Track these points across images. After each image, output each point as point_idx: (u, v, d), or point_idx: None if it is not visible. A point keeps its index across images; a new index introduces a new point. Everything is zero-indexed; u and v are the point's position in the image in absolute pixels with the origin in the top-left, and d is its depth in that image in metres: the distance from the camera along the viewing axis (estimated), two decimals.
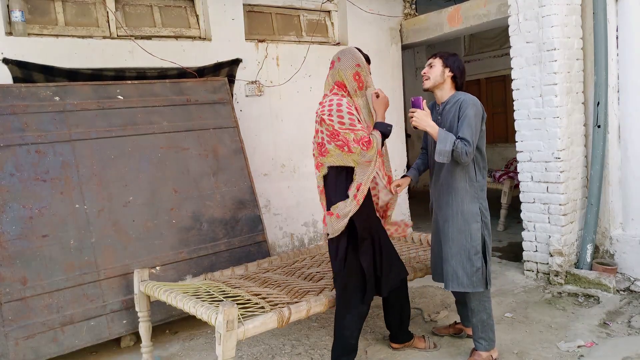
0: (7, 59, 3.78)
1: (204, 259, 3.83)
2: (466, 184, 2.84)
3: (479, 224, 2.83)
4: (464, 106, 2.76)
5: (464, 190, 2.84)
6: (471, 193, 2.84)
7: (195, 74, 4.48)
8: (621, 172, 4.20)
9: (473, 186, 2.85)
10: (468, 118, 2.71)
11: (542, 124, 4.16)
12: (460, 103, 2.78)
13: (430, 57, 2.96)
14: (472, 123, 2.71)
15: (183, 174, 3.95)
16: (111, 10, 4.32)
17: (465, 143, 2.68)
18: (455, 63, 2.90)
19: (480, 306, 2.92)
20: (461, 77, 2.91)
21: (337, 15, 5.68)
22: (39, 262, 3.27)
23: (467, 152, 2.68)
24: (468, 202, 2.84)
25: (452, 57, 2.92)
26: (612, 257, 4.19)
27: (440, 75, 2.88)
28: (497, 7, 4.85)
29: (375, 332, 3.51)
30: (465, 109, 2.74)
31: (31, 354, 3.12)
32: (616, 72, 4.15)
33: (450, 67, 2.88)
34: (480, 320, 2.93)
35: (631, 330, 3.33)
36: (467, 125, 2.71)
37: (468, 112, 2.72)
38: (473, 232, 2.83)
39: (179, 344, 3.56)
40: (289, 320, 2.66)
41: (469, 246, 2.83)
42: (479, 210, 2.85)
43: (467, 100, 2.78)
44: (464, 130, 2.71)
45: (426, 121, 2.79)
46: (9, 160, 3.37)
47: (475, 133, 2.72)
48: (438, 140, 2.72)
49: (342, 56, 2.86)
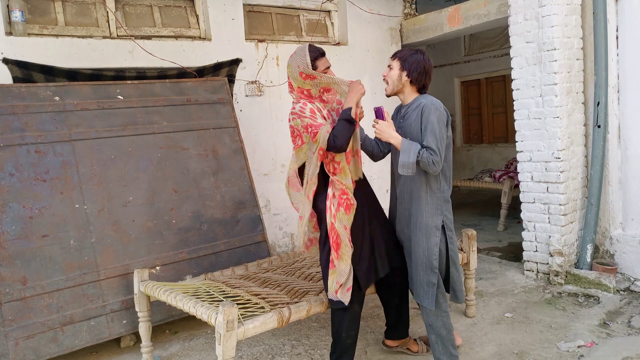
0: (7, 59, 3.78)
1: (204, 259, 3.83)
2: (427, 194, 2.70)
3: (437, 239, 2.69)
4: (425, 112, 2.60)
5: (425, 201, 2.70)
6: (432, 204, 2.70)
7: (195, 74, 4.48)
8: (621, 172, 4.20)
9: (435, 197, 2.70)
10: (431, 124, 2.56)
11: (542, 124, 4.16)
12: (422, 108, 2.63)
13: (391, 58, 2.79)
14: (435, 130, 2.56)
15: (183, 174, 3.95)
16: (111, 10, 4.32)
17: (431, 152, 2.54)
18: (414, 65, 2.69)
19: (438, 322, 2.78)
20: (422, 80, 2.72)
21: (337, 15, 5.69)
22: (39, 262, 3.28)
23: (435, 162, 2.54)
24: (429, 214, 2.69)
25: (412, 57, 2.71)
26: (612, 257, 4.20)
27: (397, 80, 2.73)
28: (497, 7, 4.86)
29: (375, 332, 3.51)
30: (427, 115, 2.58)
31: (31, 354, 3.12)
32: (616, 72, 4.15)
33: (407, 71, 2.70)
34: (439, 336, 2.78)
35: (631, 330, 3.33)
36: (430, 132, 2.55)
37: (431, 118, 2.57)
38: (431, 246, 2.69)
39: (179, 344, 3.56)
40: (289, 320, 2.66)
41: (425, 260, 2.70)
42: (440, 224, 2.70)
43: (428, 104, 2.62)
44: (428, 138, 2.55)
45: (388, 132, 2.65)
46: (9, 160, 3.37)
47: (441, 140, 2.57)
48: (401, 152, 2.58)
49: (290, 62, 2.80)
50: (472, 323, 3.59)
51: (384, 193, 5.44)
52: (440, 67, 9.19)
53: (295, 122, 2.71)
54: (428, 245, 2.70)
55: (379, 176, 5.49)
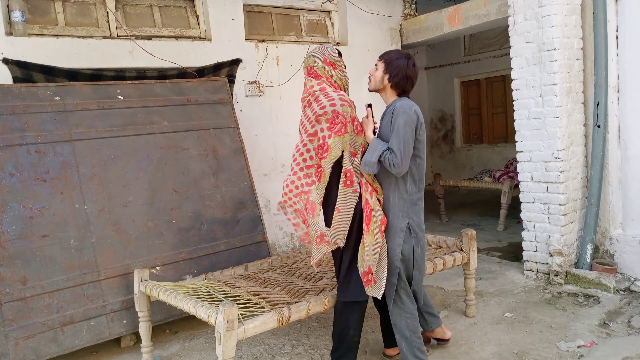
0: (7, 59, 3.79)
1: (204, 259, 3.83)
2: (395, 195, 2.71)
3: (401, 240, 2.70)
4: (395, 114, 2.64)
5: (392, 202, 2.72)
6: (399, 206, 2.71)
7: (195, 74, 4.49)
8: (621, 172, 4.20)
9: (402, 199, 2.71)
10: (397, 127, 2.60)
11: (542, 124, 4.16)
12: (393, 111, 2.67)
13: (379, 57, 2.83)
14: (400, 132, 2.58)
15: (183, 174, 3.95)
16: (111, 10, 4.32)
17: (392, 154, 2.57)
18: (396, 70, 2.71)
19: (401, 322, 2.77)
20: (402, 85, 2.74)
21: (337, 15, 5.69)
22: (39, 262, 3.28)
23: (395, 163, 2.56)
24: (394, 215, 2.71)
25: (396, 61, 2.73)
26: (612, 257, 4.20)
27: (380, 81, 2.77)
28: (497, 7, 4.86)
29: (375, 332, 3.51)
30: (396, 117, 2.62)
31: (31, 354, 3.12)
32: (616, 72, 4.15)
33: (390, 75, 2.73)
34: (404, 337, 2.76)
35: (631, 330, 3.33)
36: (395, 135, 2.60)
37: (398, 121, 2.60)
38: (394, 246, 2.70)
39: (179, 344, 3.56)
40: (289, 320, 2.67)
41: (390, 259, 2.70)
42: (406, 226, 2.71)
43: (398, 108, 2.65)
44: (392, 140, 2.61)
45: (365, 129, 2.76)
46: (9, 160, 3.37)
47: (405, 143, 2.58)
48: (367, 150, 2.67)
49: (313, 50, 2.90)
50: (472, 323, 3.59)
51: None
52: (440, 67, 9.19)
53: (345, 110, 2.68)
54: (391, 245, 2.71)
55: None
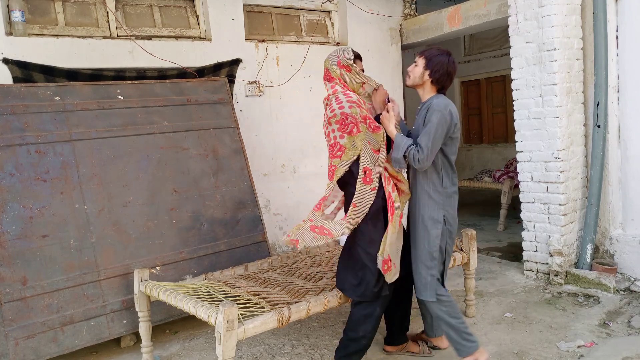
0: (7, 59, 3.79)
1: (204, 259, 3.83)
2: (430, 188, 2.80)
3: (439, 231, 2.79)
4: (429, 111, 2.69)
5: (427, 195, 2.80)
6: (435, 199, 2.79)
7: (195, 74, 4.48)
8: (621, 172, 4.20)
9: (437, 192, 2.80)
10: (430, 124, 2.65)
11: (542, 124, 4.16)
12: (428, 107, 2.72)
13: (418, 53, 2.88)
14: (431, 130, 2.64)
15: (183, 174, 3.95)
16: (111, 10, 4.32)
17: (418, 149, 2.64)
18: (438, 65, 2.76)
19: (442, 312, 2.84)
20: (442, 81, 2.79)
21: (337, 15, 5.69)
22: (39, 262, 3.28)
23: (419, 159, 2.63)
24: (430, 208, 2.80)
25: (438, 57, 2.79)
26: (612, 257, 4.20)
27: (419, 77, 2.81)
28: (497, 7, 4.86)
29: None
30: (430, 114, 2.68)
31: (31, 354, 3.12)
32: (616, 72, 4.15)
33: (431, 70, 2.77)
34: (449, 325, 2.84)
35: (631, 330, 3.33)
36: (426, 131, 2.65)
37: (432, 118, 2.66)
38: (432, 238, 2.79)
39: (179, 344, 3.56)
40: (289, 320, 2.66)
41: (426, 252, 2.80)
42: (442, 218, 2.80)
43: (434, 105, 2.70)
44: (421, 135, 2.66)
45: (387, 125, 2.77)
46: (9, 160, 3.37)
47: (434, 140, 2.64)
48: (394, 147, 2.72)
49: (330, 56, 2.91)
50: (472, 323, 3.59)
51: None
52: None
53: (353, 111, 2.69)
54: (429, 238, 2.79)
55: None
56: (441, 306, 2.84)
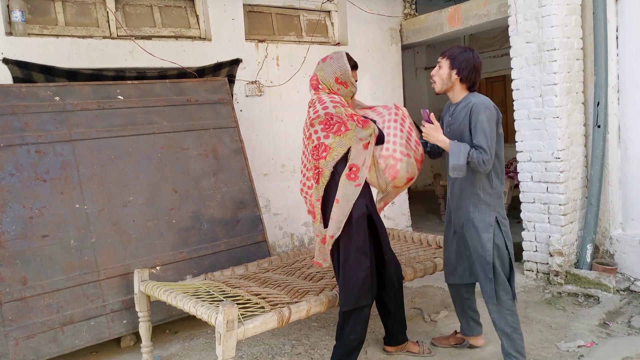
0: (7, 59, 3.78)
1: (204, 259, 3.83)
2: (480, 191, 2.71)
3: (490, 235, 2.68)
4: (475, 111, 2.60)
5: (477, 198, 2.71)
6: (486, 201, 2.71)
7: (195, 74, 4.48)
8: (621, 172, 4.20)
9: (488, 194, 2.71)
10: (481, 124, 2.56)
11: (542, 124, 4.16)
12: (471, 107, 2.63)
13: (439, 56, 2.79)
14: (485, 128, 2.56)
15: (183, 174, 3.95)
16: (111, 10, 4.32)
17: (481, 151, 2.54)
18: (464, 63, 2.69)
19: (500, 319, 2.73)
20: (472, 78, 2.72)
21: (337, 15, 5.69)
22: (39, 262, 3.28)
23: (485, 161, 2.54)
24: (482, 210, 2.70)
25: (461, 54, 2.71)
26: (612, 257, 4.20)
27: (447, 79, 2.73)
28: (497, 7, 4.86)
29: (375, 332, 3.51)
30: (477, 114, 2.59)
31: (31, 354, 3.12)
32: (616, 72, 4.15)
33: (457, 69, 2.70)
34: (504, 334, 2.74)
35: (631, 330, 3.33)
36: (480, 131, 2.56)
37: (481, 117, 2.57)
38: (484, 242, 2.69)
39: (179, 344, 3.56)
40: (289, 320, 2.66)
41: (481, 256, 2.71)
42: (494, 220, 2.70)
43: (478, 103, 2.62)
44: (478, 137, 2.56)
45: (436, 135, 2.67)
46: (9, 160, 3.37)
47: (491, 139, 2.57)
48: (450, 154, 2.58)
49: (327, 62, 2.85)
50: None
51: None
52: None
53: (338, 110, 2.71)
54: (481, 242, 2.70)
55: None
56: (501, 313, 2.71)
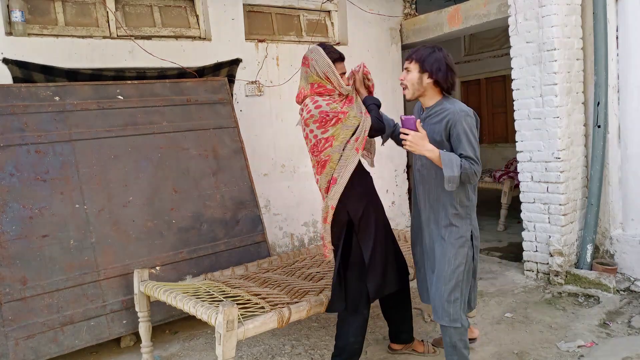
0: (7, 59, 3.78)
1: (204, 259, 3.83)
2: (456, 203, 2.52)
3: (466, 249, 2.52)
4: (456, 120, 2.40)
5: (453, 210, 2.52)
6: (461, 214, 2.53)
7: (195, 74, 4.48)
8: (621, 172, 4.20)
9: (464, 206, 2.54)
10: (466, 134, 2.38)
11: (542, 124, 4.16)
12: (450, 116, 2.42)
13: (406, 60, 2.51)
14: (471, 138, 2.39)
15: (183, 174, 3.94)
16: (111, 10, 4.31)
17: (471, 162, 2.36)
18: (435, 64, 2.44)
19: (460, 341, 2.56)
20: (446, 80, 2.47)
21: (337, 15, 5.68)
22: (39, 262, 3.27)
23: (476, 172, 2.37)
24: (458, 225, 2.52)
25: (431, 56, 2.46)
26: (612, 257, 4.19)
27: (418, 84, 2.48)
28: (497, 7, 4.85)
29: (375, 332, 3.51)
30: (458, 123, 2.39)
31: (31, 354, 3.12)
32: (616, 72, 4.15)
33: (429, 72, 2.45)
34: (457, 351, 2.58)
35: (631, 330, 3.33)
36: (467, 141, 2.38)
37: (463, 126, 2.38)
38: (460, 259, 2.51)
39: (179, 344, 3.56)
40: (289, 320, 2.66)
41: (449, 275, 2.50)
42: (469, 234, 2.54)
43: (457, 112, 2.41)
44: (465, 147, 2.37)
45: (423, 145, 2.35)
46: (9, 160, 3.37)
47: (477, 148, 2.40)
48: (443, 165, 2.33)
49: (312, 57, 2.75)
50: (472, 323, 3.57)
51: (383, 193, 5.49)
52: None
53: (332, 107, 2.67)
54: (456, 258, 2.51)
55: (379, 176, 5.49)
56: (461, 333, 2.56)
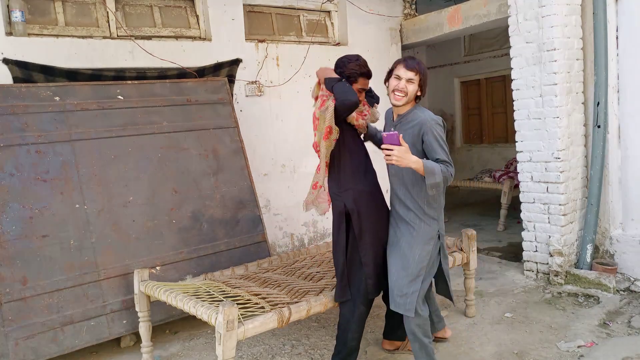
0: (7, 59, 3.78)
1: (204, 259, 3.83)
2: (424, 204, 2.69)
3: (431, 247, 2.71)
4: (427, 128, 2.58)
5: (422, 212, 2.70)
6: (430, 214, 2.71)
7: (195, 74, 4.48)
8: (621, 172, 4.20)
9: (433, 208, 2.71)
10: (437, 140, 2.57)
11: (542, 124, 4.16)
12: (422, 124, 2.60)
13: (410, 70, 2.63)
14: (442, 144, 2.59)
15: (183, 174, 3.95)
16: (111, 10, 4.32)
17: (447, 165, 2.54)
18: (426, 78, 2.68)
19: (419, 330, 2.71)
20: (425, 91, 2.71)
21: (337, 15, 5.68)
22: (39, 262, 3.28)
23: (452, 174, 2.55)
24: (425, 224, 2.70)
25: (426, 70, 2.70)
26: (612, 257, 4.19)
27: (413, 95, 2.66)
28: (497, 7, 4.86)
29: (375, 332, 3.51)
30: (431, 131, 2.57)
31: (31, 354, 3.12)
32: (616, 72, 4.15)
33: (421, 86, 2.67)
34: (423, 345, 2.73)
35: (631, 330, 3.33)
36: (439, 147, 2.56)
37: (435, 133, 2.57)
38: (422, 254, 2.68)
39: (179, 344, 3.56)
40: (289, 320, 2.67)
41: (413, 269, 2.67)
42: (436, 233, 2.73)
43: (428, 120, 2.60)
44: (439, 152, 2.56)
45: (408, 158, 2.45)
46: (9, 160, 3.37)
47: (448, 151, 2.60)
48: (426, 174, 2.48)
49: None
50: (472, 323, 3.59)
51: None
52: (440, 67, 9.18)
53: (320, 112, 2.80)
54: (421, 253, 2.69)
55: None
56: (420, 324, 2.72)
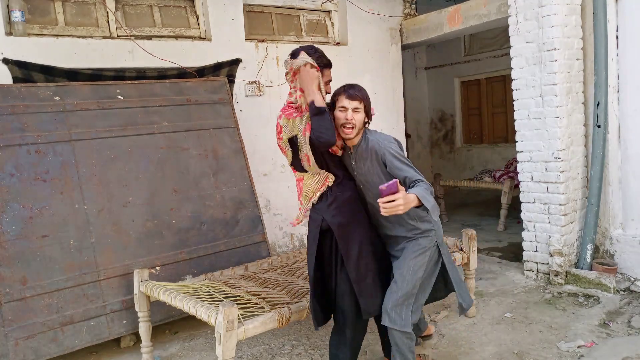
0: (7, 59, 3.78)
1: (204, 259, 3.83)
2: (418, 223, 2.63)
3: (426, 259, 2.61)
4: (383, 150, 2.49)
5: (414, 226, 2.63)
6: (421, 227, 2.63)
7: (195, 74, 4.48)
8: (621, 172, 4.20)
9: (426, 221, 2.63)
10: (398, 159, 2.47)
11: (542, 124, 4.16)
12: (376, 149, 2.50)
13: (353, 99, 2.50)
14: (405, 161, 2.50)
15: (183, 174, 3.95)
16: (111, 10, 4.32)
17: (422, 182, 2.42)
18: (369, 103, 2.56)
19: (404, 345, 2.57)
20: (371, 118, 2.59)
21: (337, 15, 5.68)
22: (39, 262, 3.28)
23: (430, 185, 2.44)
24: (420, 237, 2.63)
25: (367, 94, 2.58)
26: (612, 257, 4.20)
27: (361, 122, 2.54)
28: (497, 7, 4.85)
29: (375, 333, 3.50)
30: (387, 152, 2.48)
31: (31, 354, 3.12)
32: (616, 72, 4.15)
33: (367, 113, 2.56)
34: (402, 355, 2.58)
35: (631, 330, 3.33)
36: (404, 165, 2.47)
37: (393, 154, 2.48)
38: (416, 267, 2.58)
39: (179, 344, 3.56)
40: (289, 320, 2.67)
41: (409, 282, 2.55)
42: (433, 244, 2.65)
43: (380, 141, 2.52)
44: (408, 171, 2.45)
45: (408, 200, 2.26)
46: (9, 160, 3.37)
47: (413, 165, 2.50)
48: (423, 200, 2.29)
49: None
50: (472, 323, 3.59)
51: None
52: (440, 67, 9.18)
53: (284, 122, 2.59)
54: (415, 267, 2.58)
55: None
56: (407, 338, 2.58)
